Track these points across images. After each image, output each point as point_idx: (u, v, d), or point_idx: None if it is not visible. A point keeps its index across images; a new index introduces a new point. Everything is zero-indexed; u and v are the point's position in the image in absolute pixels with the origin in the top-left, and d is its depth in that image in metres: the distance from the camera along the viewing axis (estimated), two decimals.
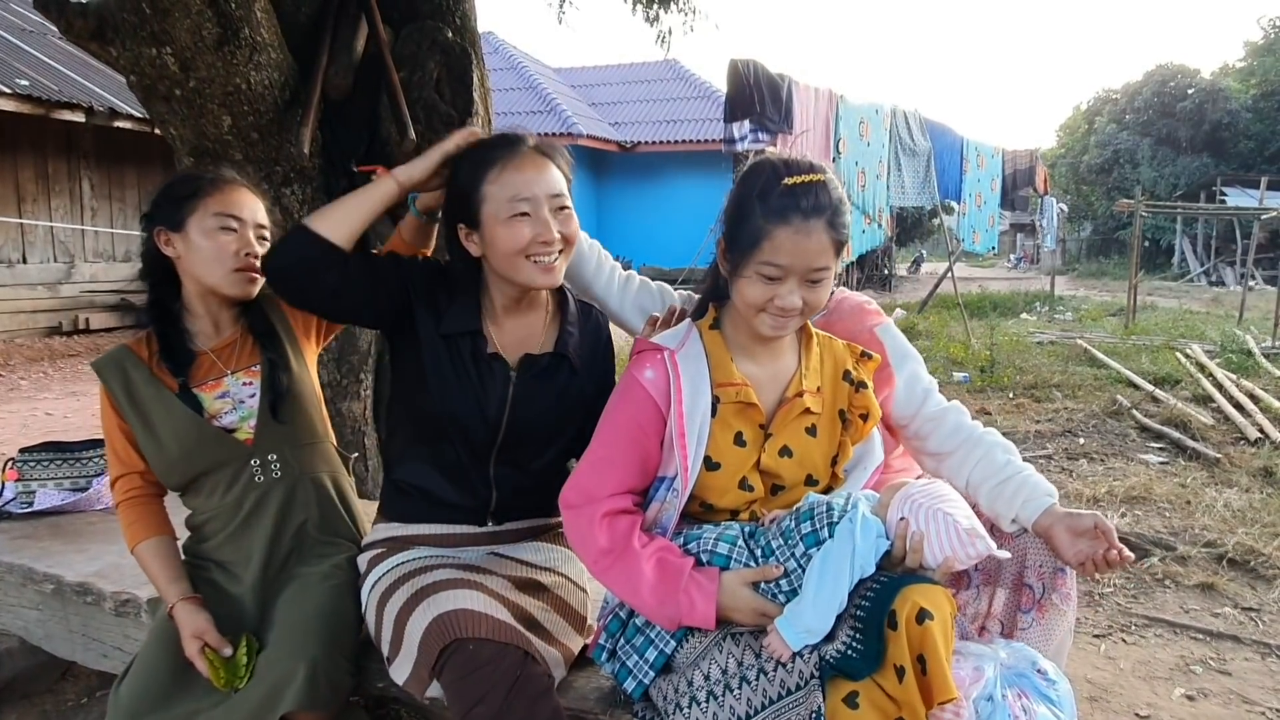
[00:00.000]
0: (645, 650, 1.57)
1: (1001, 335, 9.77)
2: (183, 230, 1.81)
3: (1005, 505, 1.71)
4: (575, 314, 1.86)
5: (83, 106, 9.92)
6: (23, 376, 8.45)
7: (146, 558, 1.83)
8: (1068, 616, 1.64)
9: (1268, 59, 30.99)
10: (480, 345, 1.75)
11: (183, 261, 1.83)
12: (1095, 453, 5.20)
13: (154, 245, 1.84)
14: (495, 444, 1.77)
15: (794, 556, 1.48)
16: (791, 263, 1.47)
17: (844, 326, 1.92)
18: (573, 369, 1.80)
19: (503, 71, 20.53)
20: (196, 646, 1.70)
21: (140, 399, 1.82)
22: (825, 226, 1.47)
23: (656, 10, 5.46)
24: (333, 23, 2.79)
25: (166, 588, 1.78)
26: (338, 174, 2.80)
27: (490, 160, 1.67)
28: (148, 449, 1.83)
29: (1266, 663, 2.76)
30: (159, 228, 1.83)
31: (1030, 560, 1.68)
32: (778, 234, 1.46)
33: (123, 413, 1.82)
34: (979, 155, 11.31)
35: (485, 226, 1.66)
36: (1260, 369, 7.47)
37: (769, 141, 6.78)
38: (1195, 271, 25.33)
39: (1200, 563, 3.47)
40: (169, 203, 1.84)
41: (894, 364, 1.88)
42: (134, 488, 1.86)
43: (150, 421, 1.82)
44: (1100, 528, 1.57)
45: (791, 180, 1.48)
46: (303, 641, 1.67)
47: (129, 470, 1.86)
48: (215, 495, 1.86)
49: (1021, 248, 39.73)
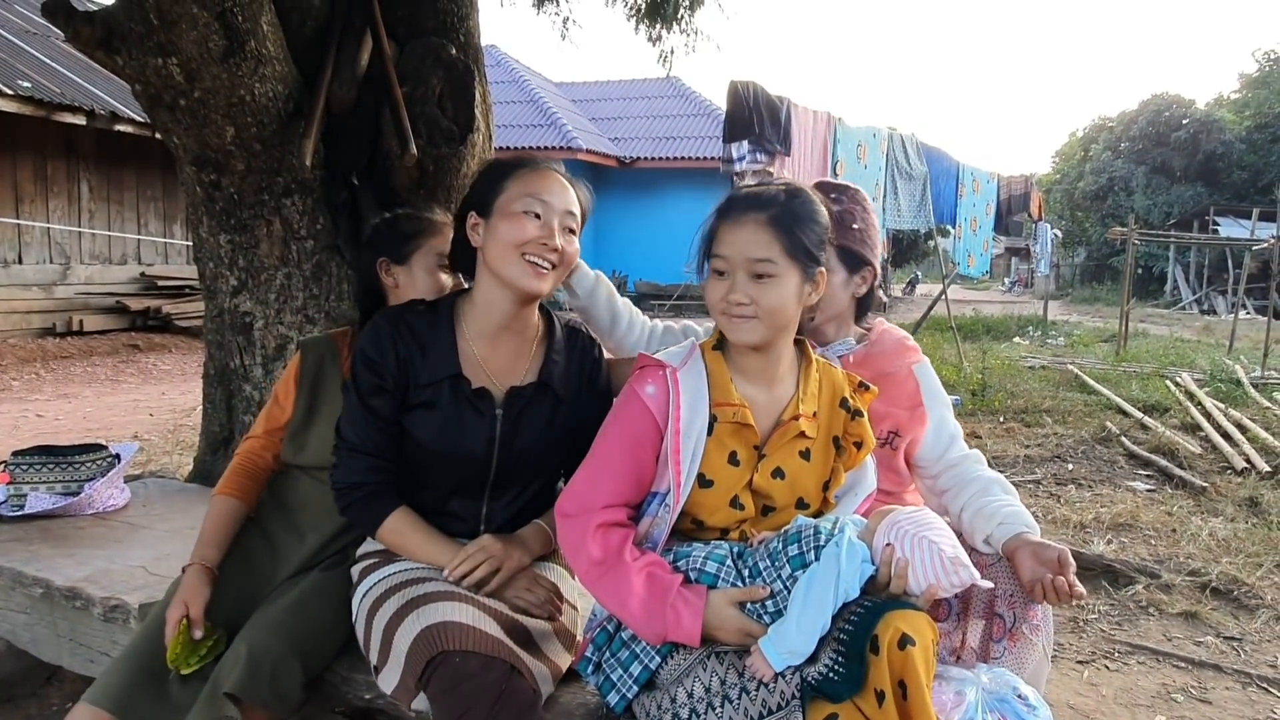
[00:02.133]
0: (630, 664, 1.58)
1: (994, 359, 9.82)
2: (406, 264, 2.01)
3: (984, 523, 1.78)
4: (561, 341, 1.86)
5: (84, 109, 9.95)
6: (15, 377, 8.43)
7: (216, 509, 1.94)
8: (1038, 647, 1.68)
9: (1262, 91, 31.33)
10: (463, 386, 1.75)
11: (400, 290, 2.01)
12: (1083, 479, 5.23)
13: (375, 272, 2.04)
14: (488, 482, 1.80)
15: (780, 578, 1.50)
16: (731, 253, 1.55)
17: (885, 360, 1.98)
18: (557, 399, 1.81)
19: (505, 85, 20.64)
20: (179, 613, 1.74)
21: (323, 384, 2.01)
22: (766, 221, 1.54)
23: (659, 30, 5.52)
24: (338, 37, 2.83)
25: (204, 545, 1.88)
26: (339, 186, 2.82)
27: (520, 165, 1.76)
28: (295, 424, 1.99)
29: (1247, 692, 2.77)
30: (383, 259, 2.03)
31: (1000, 590, 1.73)
32: (720, 228, 1.58)
33: (301, 387, 2.00)
34: (975, 180, 11.40)
35: (495, 214, 1.71)
36: (1248, 399, 7.52)
37: (767, 163, 6.82)
38: (1187, 300, 25.48)
39: (1184, 591, 3.50)
40: (396, 238, 2.04)
41: (926, 404, 1.96)
42: (261, 450, 2.01)
43: (317, 405, 1.99)
44: (1062, 560, 1.64)
45: (743, 188, 1.62)
46: (261, 630, 1.71)
47: (269, 436, 2.02)
48: (317, 473, 1.96)
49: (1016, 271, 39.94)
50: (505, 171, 1.75)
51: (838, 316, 1.99)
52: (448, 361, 1.75)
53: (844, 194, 1.99)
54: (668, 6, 5.34)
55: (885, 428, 1.95)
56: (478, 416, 1.75)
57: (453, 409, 1.74)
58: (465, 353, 1.77)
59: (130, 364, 9.58)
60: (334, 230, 2.84)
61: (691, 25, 5.53)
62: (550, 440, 1.82)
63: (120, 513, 2.74)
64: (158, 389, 8.09)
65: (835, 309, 1.96)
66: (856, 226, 1.94)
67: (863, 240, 1.95)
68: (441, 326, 1.77)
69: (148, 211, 11.97)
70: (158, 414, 6.83)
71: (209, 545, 1.88)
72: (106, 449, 2.82)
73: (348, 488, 1.75)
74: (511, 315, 1.78)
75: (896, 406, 1.95)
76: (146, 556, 2.38)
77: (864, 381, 1.73)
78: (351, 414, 1.76)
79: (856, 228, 1.94)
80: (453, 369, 1.75)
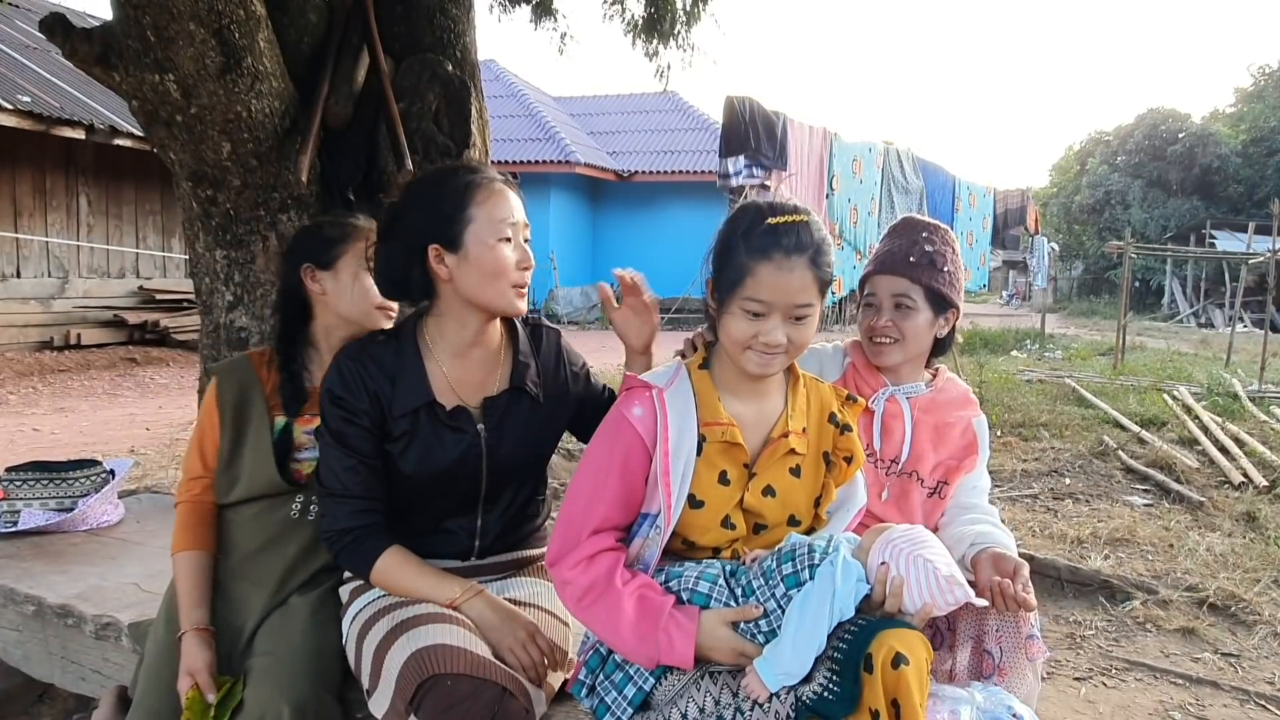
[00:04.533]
0: (624, 687, 1.57)
1: (991, 373, 9.82)
2: (333, 269, 1.93)
3: (958, 545, 1.82)
4: (526, 342, 1.85)
5: (83, 124, 9.98)
6: (11, 391, 8.42)
7: (184, 569, 1.86)
8: (1028, 680, 1.69)
9: (1257, 105, 31.50)
10: (438, 411, 1.73)
11: (327, 297, 1.94)
12: (1080, 493, 5.23)
13: (298, 280, 1.94)
14: (480, 495, 1.80)
15: (774, 597, 1.49)
16: (774, 299, 1.50)
17: (949, 408, 2.00)
18: (533, 399, 1.82)
19: (503, 99, 20.72)
20: (187, 683, 1.71)
21: (246, 417, 1.90)
22: (808, 264, 1.51)
23: (656, 45, 5.54)
24: (334, 53, 2.83)
25: (188, 610, 1.81)
26: (335, 202, 2.83)
27: (473, 184, 1.69)
28: (222, 460, 1.90)
29: (1245, 709, 2.76)
30: (308, 265, 1.94)
31: (988, 626, 1.74)
32: (760, 270, 1.50)
33: (223, 421, 1.90)
34: (971, 194, 11.44)
35: (469, 247, 1.66)
36: (1246, 412, 7.52)
37: (764, 177, 6.85)
38: (1184, 313, 25.52)
39: (1182, 607, 3.49)
40: (321, 243, 1.95)
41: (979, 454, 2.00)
42: (204, 492, 1.92)
43: (240, 440, 1.90)
44: (1017, 569, 1.70)
45: (775, 220, 1.52)
46: (289, 680, 1.67)
47: (206, 475, 1.92)
48: (254, 510, 1.92)
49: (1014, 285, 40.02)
50: (459, 198, 1.68)
51: (918, 357, 1.99)
52: (419, 390, 1.72)
53: (935, 234, 1.98)
54: (664, 22, 5.36)
55: (937, 477, 1.96)
56: (459, 436, 1.74)
57: (433, 436, 1.73)
58: (435, 375, 1.75)
59: (127, 378, 9.57)
60: None
61: (688, 40, 5.55)
62: (534, 438, 1.83)
63: (114, 529, 2.74)
64: (155, 403, 8.08)
65: (919, 348, 1.96)
66: (947, 269, 1.95)
67: (950, 282, 1.95)
68: (407, 354, 1.74)
69: (146, 225, 11.99)
70: (154, 428, 6.82)
71: (194, 608, 1.81)
72: (101, 465, 2.81)
73: (336, 534, 1.72)
74: (483, 331, 1.77)
75: (951, 457, 1.97)
76: (139, 574, 2.37)
77: (851, 395, 1.73)
78: (328, 459, 1.72)
79: (947, 270, 1.95)
80: (425, 397, 1.72)
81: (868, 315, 1.98)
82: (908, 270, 1.93)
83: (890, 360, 1.95)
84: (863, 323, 1.99)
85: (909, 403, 1.96)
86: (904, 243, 1.97)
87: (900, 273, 1.94)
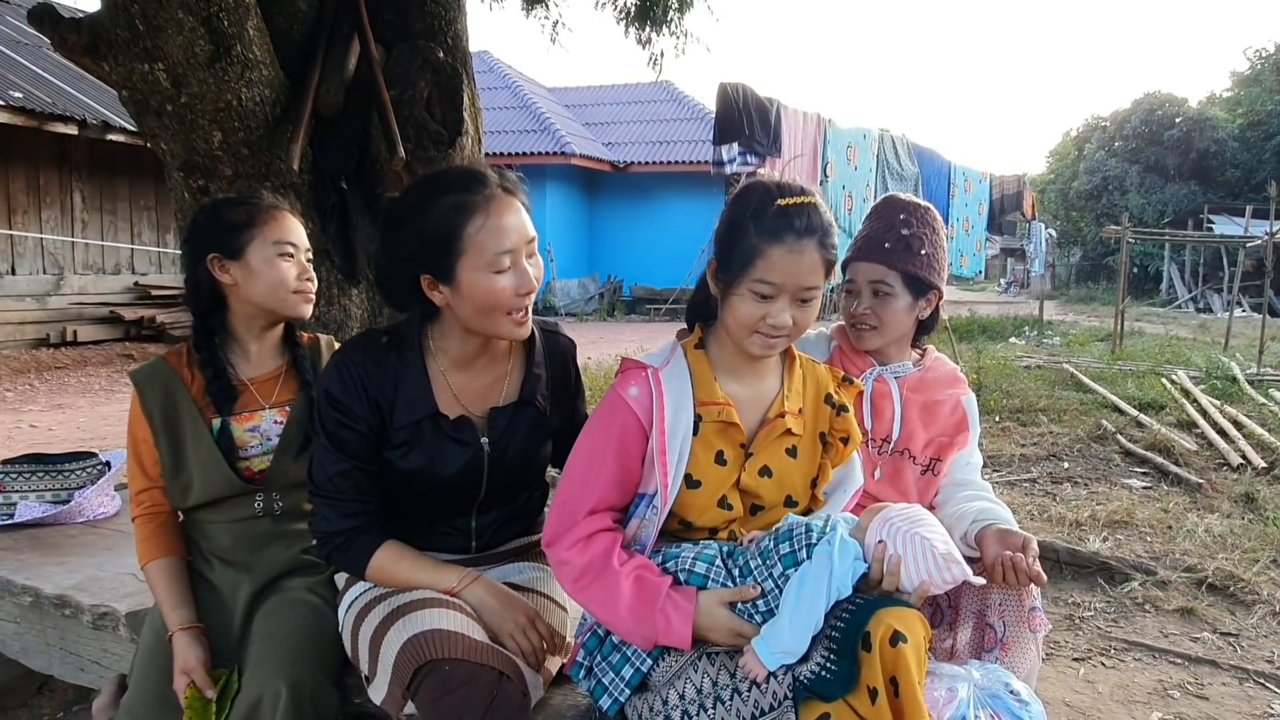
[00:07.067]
0: (621, 668, 1.57)
1: (989, 359, 9.81)
2: (241, 258, 1.83)
3: (960, 523, 1.83)
4: (542, 352, 1.79)
5: (76, 119, 9.94)
6: (8, 388, 8.41)
7: (156, 577, 1.83)
8: (1030, 653, 1.69)
9: (1254, 89, 31.46)
10: (442, 423, 1.69)
11: (239, 288, 1.85)
12: (1079, 477, 5.23)
13: (205, 272, 1.84)
14: (477, 500, 1.78)
15: (771, 577, 1.49)
16: (784, 281, 1.49)
17: (938, 387, 2.01)
18: (540, 411, 1.77)
19: (497, 90, 20.65)
20: (184, 682, 1.70)
21: (177, 422, 1.84)
22: (817, 246, 1.50)
23: (649, 33, 5.51)
24: (325, 41, 2.82)
25: (171, 612, 1.78)
26: (327, 190, 2.82)
27: (467, 206, 1.56)
28: (167, 469, 1.85)
29: (1244, 688, 2.77)
30: (213, 255, 1.83)
31: (991, 600, 1.74)
32: (771, 253, 1.48)
33: (154, 429, 1.83)
34: (967, 180, 11.43)
35: (462, 278, 1.57)
36: (1244, 395, 7.53)
37: (757, 165, 6.83)
38: (1183, 298, 25.53)
39: (1180, 588, 3.49)
40: (224, 230, 1.84)
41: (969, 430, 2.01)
42: (155, 503, 1.87)
43: (179, 447, 1.84)
44: (1025, 543, 1.68)
45: (785, 201, 1.50)
46: (287, 661, 1.66)
47: (152, 485, 1.87)
48: (216, 512, 1.89)
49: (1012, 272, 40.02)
50: (449, 223, 1.55)
51: (900, 339, 1.99)
52: (423, 400, 1.67)
53: (913, 215, 1.95)
54: (657, 9, 5.33)
55: (929, 455, 1.97)
56: (462, 447, 1.70)
57: (435, 445, 1.69)
58: (439, 383, 1.70)
59: (124, 374, 9.55)
60: (323, 235, 2.83)
61: (681, 28, 5.52)
62: (537, 449, 1.80)
63: (111, 520, 2.73)
64: None
65: (899, 332, 1.96)
66: (924, 252, 1.93)
67: (929, 265, 1.93)
68: (410, 359, 1.69)
69: (141, 221, 11.95)
70: None
71: (177, 609, 1.78)
72: (97, 457, 2.81)
73: (327, 536, 1.69)
74: (488, 344, 1.73)
75: (942, 434, 1.98)
76: (136, 564, 2.36)
77: (848, 375, 1.73)
78: (321, 460, 1.67)
79: (924, 253, 1.92)
80: (428, 409, 1.68)
81: (848, 302, 1.98)
82: (883, 256, 1.92)
83: (871, 345, 1.96)
84: (844, 309, 1.99)
85: (897, 382, 1.96)
86: (881, 226, 1.96)
87: (877, 259, 1.93)
